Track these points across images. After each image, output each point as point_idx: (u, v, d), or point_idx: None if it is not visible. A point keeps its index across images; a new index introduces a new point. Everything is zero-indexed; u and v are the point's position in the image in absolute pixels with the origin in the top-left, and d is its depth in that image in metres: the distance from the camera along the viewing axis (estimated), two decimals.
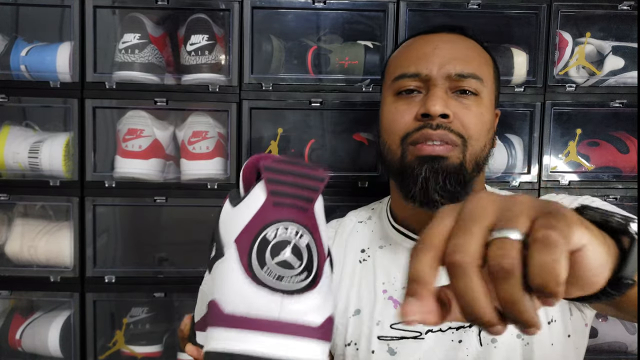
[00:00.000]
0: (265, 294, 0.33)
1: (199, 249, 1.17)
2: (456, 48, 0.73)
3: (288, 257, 0.33)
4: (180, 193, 1.06)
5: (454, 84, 0.71)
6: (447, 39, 0.75)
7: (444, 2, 1.05)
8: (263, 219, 0.34)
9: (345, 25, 1.12)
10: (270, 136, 1.09)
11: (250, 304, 0.33)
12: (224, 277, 0.34)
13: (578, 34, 1.10)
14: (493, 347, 0.68)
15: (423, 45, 0.74)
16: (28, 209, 1.13)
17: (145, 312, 1.13)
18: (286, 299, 0.33)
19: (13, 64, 1.05)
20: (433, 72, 0.70)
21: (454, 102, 0.70)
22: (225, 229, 0.36)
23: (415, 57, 0.73)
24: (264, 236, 0.33)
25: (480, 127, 0.71)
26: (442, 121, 0.68)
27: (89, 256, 1.07)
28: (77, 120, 1.05)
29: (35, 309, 1.14)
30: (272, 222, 0.34)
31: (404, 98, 0.73)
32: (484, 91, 0.72)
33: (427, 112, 0.68)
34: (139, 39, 1.01)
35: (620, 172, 1.11)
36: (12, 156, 1.05)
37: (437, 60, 0.71)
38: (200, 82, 1.03)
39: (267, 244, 0.33)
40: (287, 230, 0.34)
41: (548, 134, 1.08)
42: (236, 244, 0.34)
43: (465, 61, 0.71)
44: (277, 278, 0.33)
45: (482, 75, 0.72)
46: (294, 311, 0.33)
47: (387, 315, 0.73)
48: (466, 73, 0.70)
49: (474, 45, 0.76)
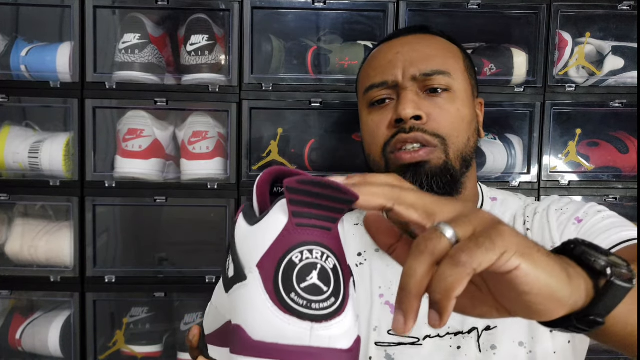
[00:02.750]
0: (294, 321, 0.32)
1: (199, 249, 1.17)
2: (418, 48, 0.72)
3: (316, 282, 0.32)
4: (180, 193, 1.06)
5: (422, 84, 0.70)
6: (408, 42, 0.74)
7: (443, 2, 1.05)
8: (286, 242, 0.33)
9: (345, 26, 1.12)
10: (270, 136, 1.09)
11: (279, 332, 0.32)
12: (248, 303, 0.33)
13: (578, 34, 1.11)
14: (493, 354, 0.67)
15: (385, 53, 0.74)
16: (28, 209, 1.13)
17: (145, 312, 1.13)
18: (316, 325, 0.32)
19: (13, 64, 1.05)
20: (399, 77, 0.70)
21: (427, 102, 0.70)
22: (244, 250, 0.35)
23: (379, 66, 0.73)
24: (290, 260, 0.32)
25: (459, 123, 0.70)
26: (415, 123, 0.68)
27: (89, 256, 1.07)
28: (77, 120, 1.05)
29: (36, 309, 1.14)
30: (297, 246, 0.33)
31: (377, 109, 0.72)
32: (455, 85, 0.71)
33: (399, 117, 0.68)
34: (139, 39, 1.01)
35: (620, 172, 1.11)
36: (12, 156, 1.05)
37: (401, 65, 0.71)
38: (200, 82, 1.03)
39: (293, 269, 0.32)
40: (312, 253, 0.33)
41: (548, 134, 1.08)
42: (259, 269, 0.33)
43: (428, 59, 0.71)
44: (306, 304, 0.32)
45: (449, 69, 0.71)
46: (324, 337, 0.32)
47: (384, 321, 0.73)
48: (431, 71, 0.70)
49: (437, 41, 0.75)
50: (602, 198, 1.09)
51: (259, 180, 0.38)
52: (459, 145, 0.70)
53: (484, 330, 0.68)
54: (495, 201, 0.78)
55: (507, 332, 0.67)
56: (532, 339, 0.67)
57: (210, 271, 1.08)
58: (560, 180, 1.09)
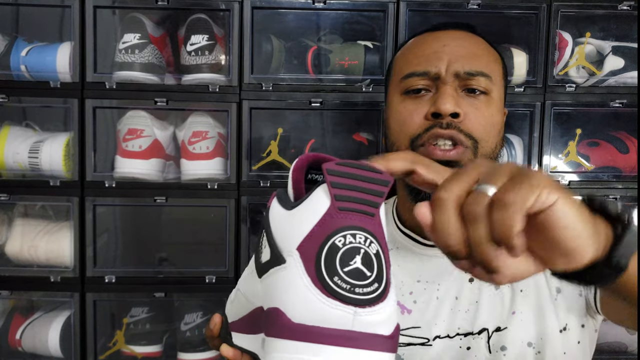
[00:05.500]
0: (337, 305, 0.31)
1: (199, 249, 1.17)
2: (465, 45, 0.71)
3: (359, 266, 0.32)
4: (180, 193, 1.06)
5: (463, 82, 0.69)
6: (456, 36, 0.73)
7: (444, 2, 1.05)
8: (329, 225, 0.32)
9: (345, 25, 1.12)
10: (270, 136, 1.09)
11: (321, 315, 0.31)
12: (288, 286, 0.33)
13: (578, 34, 1.11)
14: (502, 355, 0.67)
15: (431, 42, 0.72)
16: (28, 209, 1.13)
17: (145, 312, 1.13)
18: (359, 310, 0.31)
19: (13, 64, 1.05)
20: (442, 70, 0.69)
21: (465, 101, 0.68)
22: (282, 234, 0.35)
23: (423, 55, 0.71)
24: (333, 244, 0.32)
25: (491, 128, 0.70)
26: (452, 120, 0.67)
27: (89, 256, 1.07)
28: (77, 120, 1.05)
29: (36, 309, 1.14)
30: (340, 229, 0.32)
31: (412, 97, 0.71)
32: (494, 90, 0.70)
33: (437, 111, 0.67)
34: (139, 39, 1.01)
35: (620, 172, 1.11)
36: (12, 156, 1.05)
37: (446, 58, 0.69)
38: (200, 82, 1.03)
39: (336, 253, 0.32)
40: (355, 237, 0.32)
41: (548, 134, 1.08)
42: (299, 252, 0.33)
43: (475, 59, 0.70)
44: (349, 288, 0.31)
45: (492, 73, 0.70)
46: (367, 323, 0.31)
47: None
48: (475, 71, 0.69)
49: (482, 42, 0.74)
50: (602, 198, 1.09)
51: (294, 166, 0.38)
52: (488, 150, 0.70)
53: (495, 331, 0.68)
54: None
55: (517, 333, 0.67)
56: (541, 340, 0.67)
57: (210, 271, 1.08)
58: (560, 180, 1.08)
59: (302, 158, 0.37)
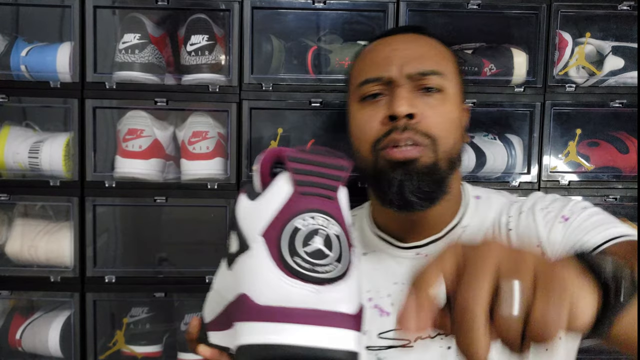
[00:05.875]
0: (300, 284, 0.32)
1: (199, 249, 1.17)
2: (414, 47, 0.73)
3: (320, 246, 0.33)
4: (180, 193, 1.06)
5: (417, 82, 0.70)
6: (405, 40, 0.75)
7: (443, 2, 1.05)
8: (291, 209, 0.33)
9: (345, 26, 1.12)
10: (270, 136, 1.09)
11: (285, 295, 0.32)
12: (254, 270, 0.34)
13: (578, 34, 1.11)
14: None
15: (382, 49, 0.74)
16: (28, 209, 1.13)
17: (145, 312, 1.13)
18: (321, 289, 0.32)
19: (13, 64, 1.05)
20: (394, 74, 0.70)
21: (420, 101, 0.70)
22: (248, 224, 0.36)
23: (375, 62, 0.73)
24: (294, 226, 0.33)
25: (449, 125, 0.71)
26: (408, 122, 0.68)
27: (89, 256, 1.07)
28: (77, 120, 1.05)
29: (36, 309, 1.14)
30: (300, 212, 0.33)
31: (369, 103, 0.72)
32: (448, 87, 0.72)
33: (393, 114, 0.68)
34: (139, 39, 1.01)
35: (620, 172, 1.11)
36: (12, 156, 1.05)
37: (397, 62, 0.71)
38: (200, 82, 1.03)
39: (297, 234, 0.33)
40: (315, 219, 0.33)
41: (548, 134, 1.08)
42: (264, 237, 0.33)
43: (425, 59, 0.71)
44: (311, 268, 0.32)
45: (444, 71, 0.72)
46: (329, 301, 0.32)
47: (374, 325, 0.72)
48: (427, 70, 0.70)
49: (432, 42, 0.76)
50: (602, 198, 1.09)
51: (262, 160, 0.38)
52: (448, 147, 0.70)
53: None
54: (478, 199, 0.79)
55: None
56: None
57: (210, 271, 1.08)
58: (560, 180, 1.09)
59: (267, 152, 0.38)
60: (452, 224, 0.76)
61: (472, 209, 0.77)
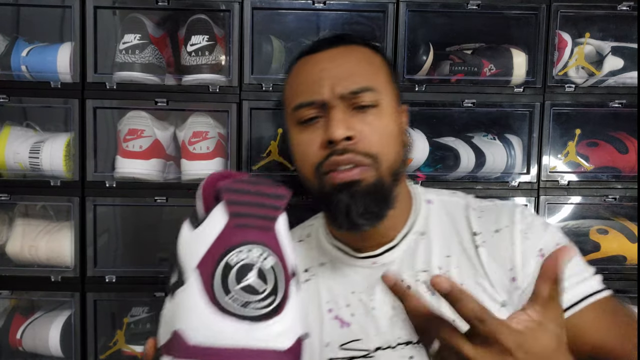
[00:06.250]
0: (231, 322, 0.31)
1: None
2: (343, 64, 0.71)
3: (253, 282, 0.32)
4: (180, 193, 1.07)
5: (350, 102, 0.69)
6: (332, 57, 0.73)
7: (443, 2, 1.06)
8: (225, 242, 0.33)
9: (345, 26, 1.12)
10: (270, 136, 1.09)
11: (216, 334, 0.31)
12: (187, 306, 0.33)
13: (577, 34, 1.11)
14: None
15: (311, 69, 0.73)
16: (29, 209, 1.13)
17: (145, 312, 1.14)
18: (253, 326, 0.32)
19: (14, 65, 1.05)
20: (326, 96, 0.69)
21: (356, 120, 0.69)
22: (185, 254, 0.35)
23: (306, 84, 0.72)
24: (227, 261, 0.32)
25: (388, 138, 0.70)
26: (347, 144, 0.67)
27: (89, 256, 1.07)
28: (78, 120, 1.05)
29: (36, 309, 1.14)
30: (235, 246, 0.33)
31: (307, 127, 0.72)
32: (382, 99, 0.71)
33: (329, 139, 0.67)
34: (139, 40, 1.01)
35: (619, 173, 1.11)
36: (12, 156, 1.06)
37: (328, 82, 0.69)
38: (200, 82, 1.04)
39: (230, 269, 0.32)
40: (250, 252, 0.33)
41: (547, 134, 1.08)
42: (198, 271, 0.33)
43: (355, 76, 0.70)
44: (243, 304, 0.32)
45: (375, 85, 0.71)
46: (262, 337, 0.32)
47: (336, 336, 0.72)
48: (358, 88, 0.69)
49: (360, 54, 0.74)
50: (602, 198, 1.09)
51: (203, 185, 0.38)
52: (389, 161, 0.70)
53: None
54: (431, 204, 0.78)
55: None
56: None
57: None
58: (559, 181, 1.09)
59: (210, 177, 0.38)
60: (405, 231, 0.75)
61: (423, 215, 0.77)
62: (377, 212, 0.69)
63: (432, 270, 0.72)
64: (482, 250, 0.71)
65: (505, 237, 0.71)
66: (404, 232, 0.75)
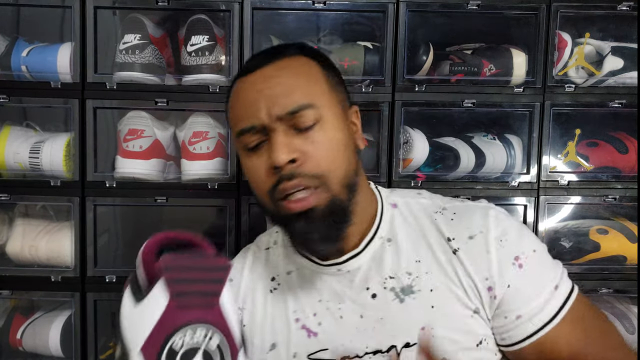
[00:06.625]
0: None
1: None
2: (278, 82, 0.69)
3: None
4: (180, 193, 1.07)
5: (290, 122, 0.67)
6: (267, 75, 0.70)
7: (443, 2, 1.06)
8: (168, 325, 0.32)
9: (345, 26, 1.12)
10: None
11: None
12: None
13: (577, 34, 1.11)
14: None
15: (248, 91, 0.70)
16: (29, 208, 1.13)
17: None
18: None
19: (14, 65, 1.05)
20: (265, 120, 0.67)
21: (299, 140, 0.67)
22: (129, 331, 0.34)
23: (244, 107, 0.70)
24: (171, 346, 0.32)
25: (335, 153, 0.68)
26: (292, 167, 0.65)
27: (89, 256, 1.07)
28: (78, 120, 1.05)
29: (36, 309, 1.14)
30: (178, 328, 0.32)
31: (254, 153, 0.70)
32: (324, 113, 0.68)
33: (273, 165, 0.66)
34: (139, 40, 1.01)
35: (619, 173, 1.11)
36: (13, 156, 1.06)
37: (264, 105, 0.67)
38: (200, 82, 1.04)
39: (175, 355, 0.31)
40: (195, 334, 0.32)
41: (547, 134, 1.08)
42: (143, 354, 0.32)
43: (291, 94, 0.67)
44: None
45: (315, 99, 0.68)
46: None
47: (303, 346, 0.71)
48: (295, 107, 0.66)
49: (296, 66, 0.71)
50: (602, 198, 1.09)
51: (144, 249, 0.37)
52: (340, 176, 0.68)
53: (404, 347, 0.68)
54: (395, 208, 0.77)
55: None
56: (455, 355, 0.67)
57: None
58: (559, 181, 1.09)
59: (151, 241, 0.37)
60: (369, 237, 0.74)
61: (388, 219, 0.75)
62: (337, 234, 0.68)
63: (400, 276, 0.71)
64: (460, 254, 0.70)
65: (479, 243, 0.69)
66: (368, 237, 0.74)
